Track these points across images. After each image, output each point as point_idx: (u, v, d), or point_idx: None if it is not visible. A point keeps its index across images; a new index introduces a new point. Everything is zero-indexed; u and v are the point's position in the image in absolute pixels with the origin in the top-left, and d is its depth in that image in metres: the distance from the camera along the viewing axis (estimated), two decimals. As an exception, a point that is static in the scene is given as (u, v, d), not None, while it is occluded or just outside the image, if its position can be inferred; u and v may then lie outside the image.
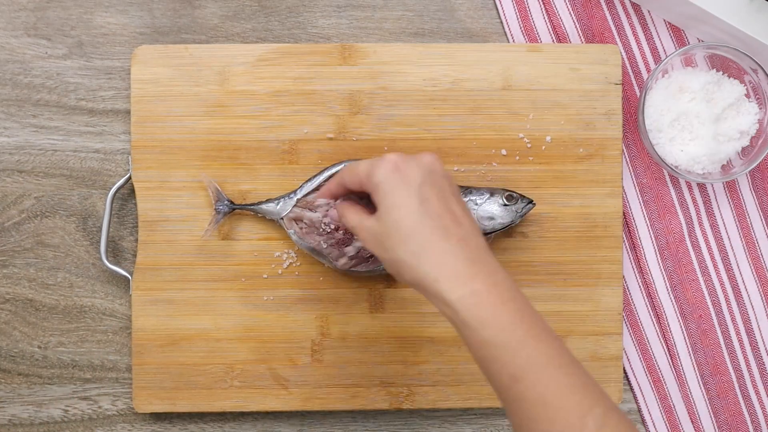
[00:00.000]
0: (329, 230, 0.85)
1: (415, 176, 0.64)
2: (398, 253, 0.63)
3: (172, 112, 0.87)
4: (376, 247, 0.66)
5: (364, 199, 0.72)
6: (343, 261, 0.85)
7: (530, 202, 0.85)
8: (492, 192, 0.85)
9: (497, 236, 0.87)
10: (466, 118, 0.88)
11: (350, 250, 0.85)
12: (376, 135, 0.88)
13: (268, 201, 0.86)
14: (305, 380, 0.88)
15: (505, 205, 0.84)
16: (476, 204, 0.84)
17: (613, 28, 0.91)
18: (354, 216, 0.69)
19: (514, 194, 0.85)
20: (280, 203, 0.86)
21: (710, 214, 0.91)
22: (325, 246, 0.85)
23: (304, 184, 0.86)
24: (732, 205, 0.91)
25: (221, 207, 0.86)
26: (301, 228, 0.85)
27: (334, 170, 0.85)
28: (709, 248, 0.91)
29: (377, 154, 0.87)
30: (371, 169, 0.66)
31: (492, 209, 0.84)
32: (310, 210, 0.85)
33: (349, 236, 0.85)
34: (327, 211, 0.81)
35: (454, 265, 0.62)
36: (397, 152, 0.68)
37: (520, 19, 0.91)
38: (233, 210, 0.86)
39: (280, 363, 0.87)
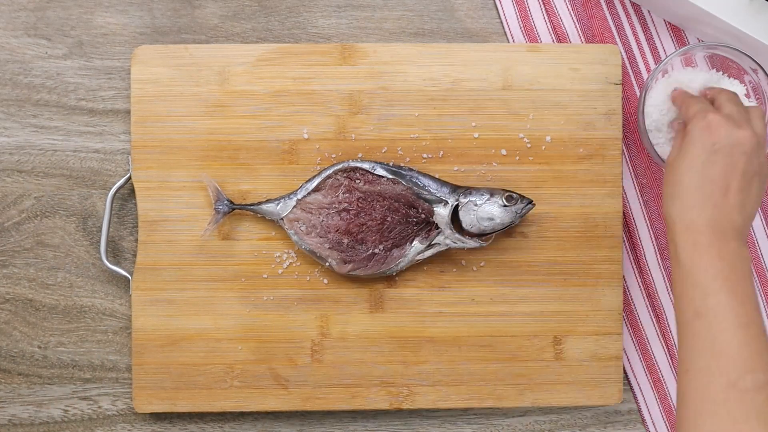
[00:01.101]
0: (330, 232, 0.85)
1: (716, 142, 0.73)
2: (667, 187, 0.75)
3: (172, 112, 0.87)
4: (665, 167, 0.78)
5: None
6: (342, 266, 0.85)
7: (530, 202, 0.85)
8: (492, 192, 0.85)
9: (497, 236, 0.87)
10: (466, 118, 0.88)
11: (348, 267, 0.85)
12: (376, 135, 0.88)
13: (268, 201, 0.86)
14: (305, 380, 0.88)
15: (505, 205, 0.84)
16: (476, 204, 0.84)
17: (613, 28, 0.91)
18: (677, 140, 0.78)
19: (514, 195, 0.85)
20: (280, 204, 0.86)
21: (710, 214, 0.91)
22: (325, 247, 0.85)
23: (304, 184, 0.86)
24: (732, 205, 0.91)
25: (221, 207, 0.86)
26: (301, 228, 0.85)
27: (333, 170, 0.85)
28: (710, 248, 0.91)
29: (377, 154, 0.87)
30: (693, 117, 0.76)
31: (492, 210, 0.84)
32: (309, 212, 0.85)
33: (349, 238, 0.85)
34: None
35: (695, 217, 0.72)
36: (724, 113, 0.75)
37: (520, 19, 0.91)
38: (233, 210, 0.86)
39: (280, 363, 0.88)
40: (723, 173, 0.73)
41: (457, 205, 0.84)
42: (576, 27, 0.91)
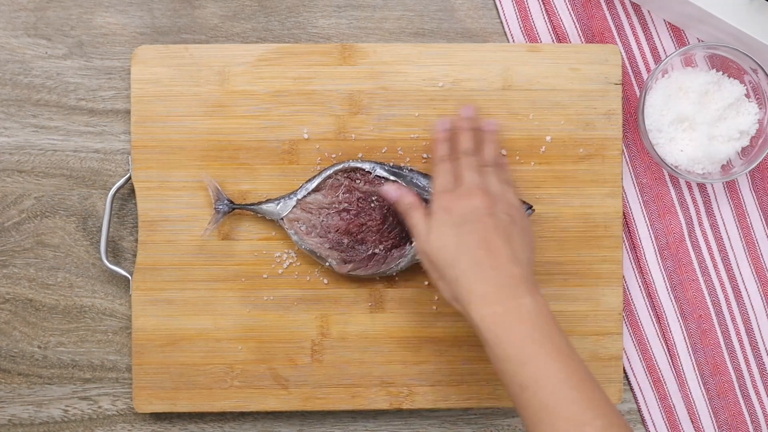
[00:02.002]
0: (330, 232, 0.85)
1: (460, 215, 0.75)
2: (436, 273, 0.76)
3: (172, 112, 0.87)
4: (423, 260, 0.78)
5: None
6: (342, 266, 0.85)
7: (529, 207, 0.85)
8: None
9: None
10: (466, 118, 0.88)
11: (348, 267, 0.85)
12: (376, 135, 0.88)
13: (268, 201, 0.86)
14: (305, 380, 0.88)
15: None
16: None
17: (613, 28, 0.91)
18: (416, 220, 0.79)
19: (514, 196, 0.85)
20: (280, 203, 0.86)
21: (710, 214, 0.91)
22: (325, 247, 0.85)
23: (304, 184, 0.86)
24: (732, 205, 0.91)
25: (221, 207, 0.86)
26: (301, 228, 0.85)
27: (333, 170, 0.85)
28: (709, 248, 0.91)
29: (377, 154, 0.87)
30: (434, 196, 0.78)
31: None
32: (309, 212, 0.85)
33: (349, 238, 0.85)
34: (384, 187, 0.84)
35: (483, 290, 0.72)
36: (456, 190, 0.77)
37: (520, 19, 0.91)
38: (233, 210, 0.86)
39: (280, 363, 0.88)
40: (480, 239, 0.74)
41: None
42: (576, 27, 0.91)
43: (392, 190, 0.81)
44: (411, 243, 0.85)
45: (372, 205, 0.85)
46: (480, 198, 0.76)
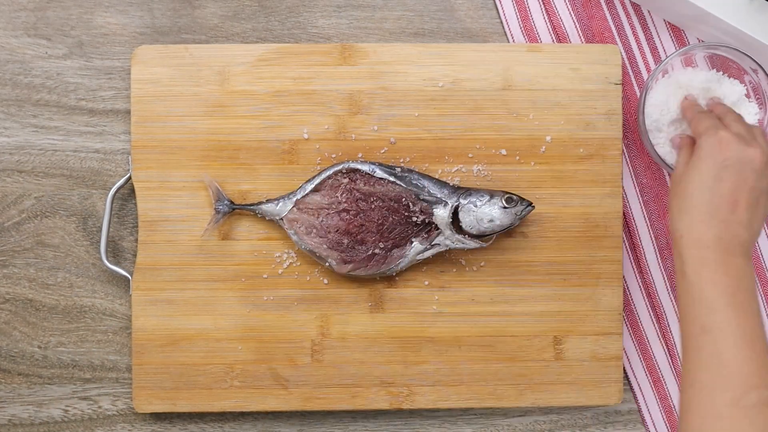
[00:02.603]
0: (329, 232, 0.85)
1: (727, 159, 0.74)
2: (675, 201, 0.76)
3: (172, 112, 0.87)
4: (672, 180, 0.78)
5: None
6: (342, 266, 0.85)
7: (530, 204, 0.85)
8: (492, 194, 0.85)
9: (497, 236, 0.87)
10: (466, 118, 0.88)
11: (348, 267, 0.85)
12: (376, 135, 0.88)
13: (267, 201, 0.86)
14: (305, 380, 0.88)
15: (505, 207, 0.84)
16: (475, 206, 0.84)
17: (613, 28, 0.91)
18: (683, 155, 0.79)
19: (514, 197, 0.84)
20: (280, 203, 0.86)
21: (710, 214, 0.91)
22: (325, 248, 0.85)
23: (303, 185, 0.86)
24: (732, 205, 0.91)
25: (221, 207, 0.86)
26: (300, 228, 0.85)
27: (332, 171, 0.85)
28: (710, 248, 0.91)
29: (377, 154, 0.87)
30: (704, 133, 0.77)
31: (491, 211, 0.84)
32: (309, 212, 0.85)
33: (349, 238, 0.85)
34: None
35: (703, 232, 0.73)
36: (733, 131, 0.76)
37: (520, 19, 0.91)
38: (233, 210, 0.86)
39: (280, 363, 0.88)
40: (732, 189, 0.74)
41: (457, 206, 0.84)
42: (576, 27, 0.91)
43: (690, 108, 0.82)
44: (411, 243, 0.85)
45: (372, 205, 0.85)
46: (758, 152, 0.75)
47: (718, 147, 0.75)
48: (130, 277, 0.88)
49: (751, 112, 0.87)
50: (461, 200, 0.84)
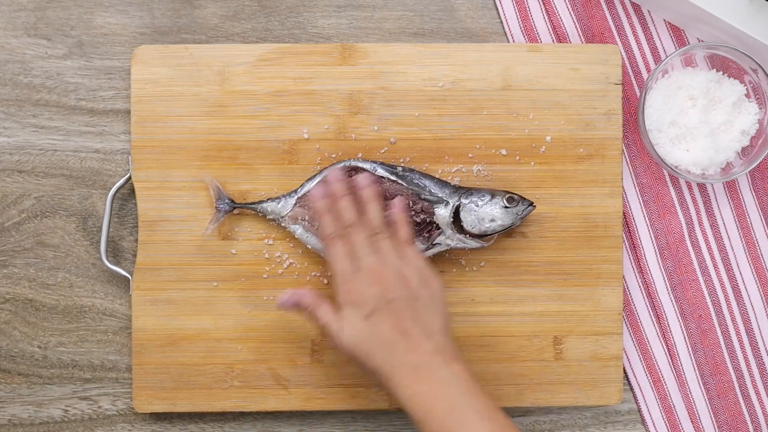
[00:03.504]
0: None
1: (366, 305, 0.76)
2: (365, 370, 0.76)
3: (172, 112, 0.87)
4: (343, 354, 0.77)
5: None
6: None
7: (531, 204, 0.85)
8: (493, 194, 0.85)
9: (498, 236, 0.87)
10: (466, 118, 0.88)
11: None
12: (376, 135, 0.88)
13: (269, 200, 0.86)
14: (305, 380, 0.88)
15: (506, 207, 0.84)
16: (477, 206, 0.84)
17: (613, 28, 0.91)
18: (326, 318, 0.78)
19: (515, 196, 0.84)
20: (281, 202, 0.86)
21: (710, 214, 0.91)
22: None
23: (305, 183, 0.86)
24: (732, 205, 0.91)
25: (222, 206, 0.86)
26: (303, 224, 0.85)
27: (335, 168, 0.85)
28: (709, 248, 0.91)
29: (377, 154, 0.87)
30: (336, 282, 0.78)
31: (493, 211, 0.84)
32: (310, 209, 0.85)
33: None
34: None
35: (402, 375, 0.74)
36: (358, 274, 0.77)
37: (520, 19, 0.91)
38: (234, 209, 0.86)
39: (280, 363, 0.87)
40: (391, 326, 0.75)
41: (458, 206, 0.84)
42: (576, 27, 0.91)
43: (287, 298, 0.80)
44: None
45: (372, 205, 0.85)
46: (381, 283, 0.77)
47: (353, 304, 0.76)
48: (130, 277, 0.88)
49: (751, 112, 0.87)
50: (462, 200, 0.84)
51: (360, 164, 0.85)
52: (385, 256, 0.78)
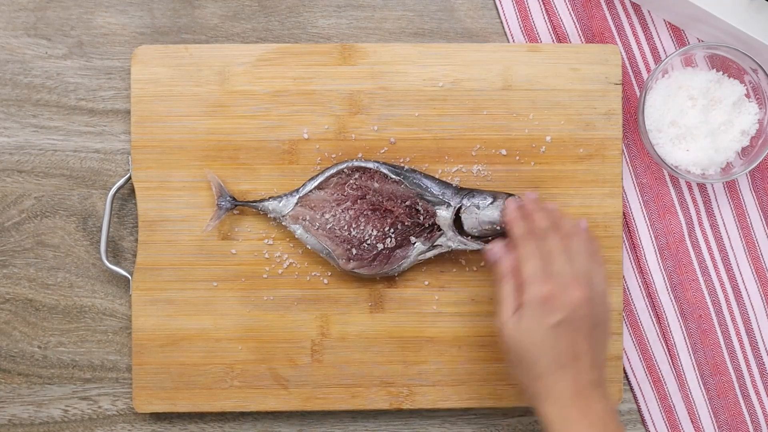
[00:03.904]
0: (333, 229, 0.85)
1: (558, 313, 0.75)
2: (520, 367, 0.76)
3: (172, 112, 0.87)
4: (503, 337, 0.76)
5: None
6: (346, 263, 0.85)
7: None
8: (495, 196, 0.84)
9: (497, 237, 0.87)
10: (466, 118, 0.88)
11: (352, 264, 0.85)
12: (376, 135, 0.88)
13: (270, 198, 0.86)
14: (305, 380, 0.88)
15: None
16: (478, 208, 0.84)
17: (613, 28, 0.91)
18: (509, 295, 0.77)
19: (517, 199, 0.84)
20: (283, 201, 0.86)
21: (710, 214, 0.91)
22: (329, 243, 0.85)
23: (306, 182, 0.86)
24: (732, 205, 0.91)
25: (223, 203, 0.86)
26: (304, 224, 0.85)
27: (334, 170, 0.85)
28: (709, 248, 0.91)
29: (377, 154, 0.87)
30: (528, 283, 0.76)
31: (494, 214, 0.84)
32: (312, 209, 0.85)
33: (351, 236, 0.85)
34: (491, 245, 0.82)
35: (561, 392, 0.74)
36: (553, 279, 0.76)
37: (520, 19, 0.91)
38: (236, 206, 0.86)
39: (280, 363, 0.88)
40: (570, 343, 0.75)
41: (459, 208, 0.84)
42: (576, 27, 0.91)
43: (495, 252, 0.80)
44: (414, 244, 0.85)
45: (375, 204, 0.85)
46: (579, 294, 0.75)
47: (545, 306, 0.75)
48: (130, 277, 0.88)
49: (751, 112, 0.87)
50: (464, 202, 0.84)
51: (363, 164, 0.85)
52: (579, 267, 0.77)
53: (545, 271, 0.76)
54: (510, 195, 0.84)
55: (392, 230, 0.85)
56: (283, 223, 0.86)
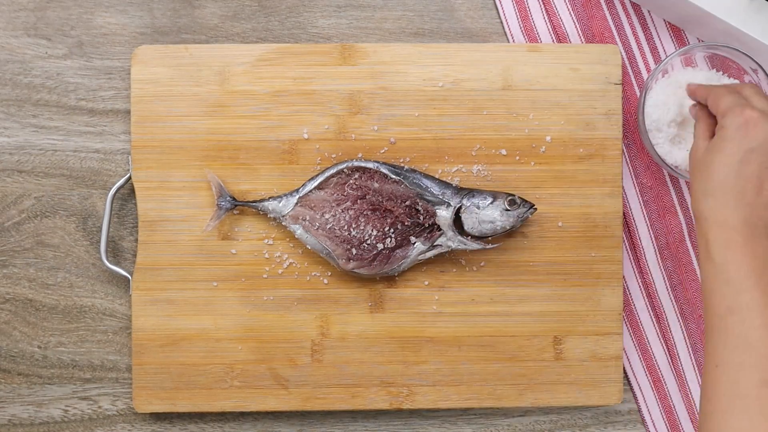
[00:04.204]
0: (333, 229, 0.85)
1: (753, 141, 0.73)
2: (699, 183, 0.74)
3: (172, 112, 0.87)
4: (692, 164, 0.76)
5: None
6: (346, 263, 0.85)
7: (532, 206, 0.85)
8: (495, 196, 0.84)
9: (497, 237, 0.87)
10: (466, 118, 0.88)
11: (352, 264, 0.85)
12: (376, 135, 0.88)
13: (270, 198, 0.86)
14: (305, 380, 0.88)
15: (507, 209, 0.84)
16: (478, 208, 0.84)
17: (613, 28, 0.91)
18: (701, 127, 0.78)
19: (517, 199, 0.84)
20: (283, 200, 0.86)
21: (710, 214, 0.91)
22: (329, 243, 0.85)
23: (306, 182, 0.86)
24: (732, 205, 0.91)
25: (223, 203, 0.86)
26: (304, 224, 0.85)
27: (336, 169, 0.85)
28: (709, 248, 0.91)
29: (377, 154, 0.87)
30: (728, 111, 0.74)
31: (494, 214, 0.84)
32: (312, 209, 0.85)
33: (352, 236, 0.85)
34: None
35: (728, 215, 0.72)
36: (760, 108, 0.74)
37: (520, 19, 0.91)
38: (236, 206, 0.86)
39: (280, 363, 0.88)
40: (758, 172, 0.72)
41: (459, 208, 0.84)
42: (576, 27, 0.91)
43: (695, 88, 0.80)
44: (413, 244, 0.85)
45: (375, 204, 0.85)
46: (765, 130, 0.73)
47: (744, 128, 0.73)
48: (130, 277, 0.88)
49: (751, 112, 0.87)
50: (464, 201, 0.84)
51: (363, 164, 0.85)
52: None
53: (743, 104, 0.74)
54: (510, 195, 0.84)
55: (392, 230, 0.85)
56: (283, 223, 0.86)
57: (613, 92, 0.88)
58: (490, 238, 0.87)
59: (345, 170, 0.85)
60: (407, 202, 0.85)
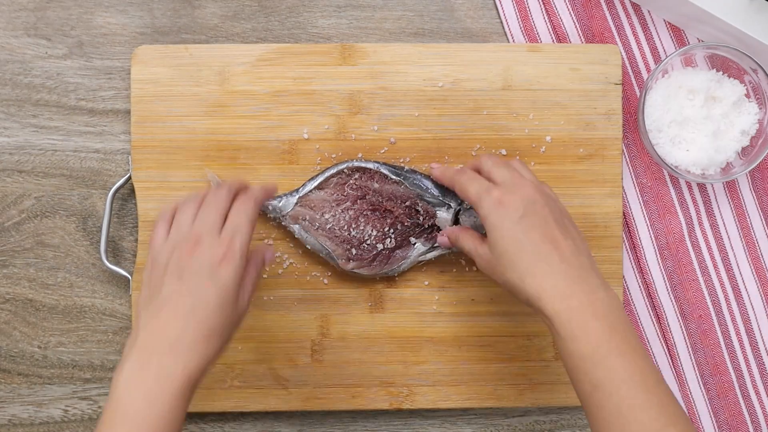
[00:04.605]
0: (333, 229, 0.85)
1: (517, 209, 0.73)
2: (507, 276, 0.73)
3: (172, 112, 0.87)
4: (488, 271, 0.76)
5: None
6: (346, 263, 0.85)
7: None
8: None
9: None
10: (466, 118, 0.88)
11: (352, 264, 0.85)
12: (376, 135, 0.88)
13: (270, 198, 0.86)
14: (305, 380, 0.88)
15: None
16: None
17: (613, 28, 0.91)
18: (469, 242, 0.78)
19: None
20: (283, 200, 0.86)
21: (710, 214, 0.91)
22: (329, 243, 0.85)
23: (307, 182, 0.86)
24: (732, 205, 0.91)
25: (221, 206, 0.86)
26: (304, 223, 0.85)
27: (336, 169, 0.85)
28: (709, 248, 0.91)
29: (377, 154, 0.87)
30: (479, 201, 0.75)
31: None
32: (312, 209, 0.85)
33: (352, 236, 0.85)
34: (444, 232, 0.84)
35: (554, 284, 0.70)
36: (499, 182, 0.75)
37: (520, 19, 0.91)
38: (233, 209, 0.86)
39: (280, 363, 0.87)
40: (543, 233, 0.72)
41: (459, 209, 0.84)
42: (576, 27, 0.91)
43: (444, 240, 0.82)
44: (414, 244, 0.85)
45: (375, 205, 0.85)
46: (530, 188, 0.74)
47: (501, 205, 0.73)
48: (130, 277, 0.88)
49: (751, 112, 0.87)
50: (464, 203, 0.84)
51: (363, 164, 0.85)
52: (523, 175, 0.76)
53: (489, 185, 0.75)
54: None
55: (392, 231, 0.85)
56: (283, 223, 0.86)
57: (613, 92, 0.88)
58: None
59: (345, 170, 0.85)
60: (407, 203, 0.85)
